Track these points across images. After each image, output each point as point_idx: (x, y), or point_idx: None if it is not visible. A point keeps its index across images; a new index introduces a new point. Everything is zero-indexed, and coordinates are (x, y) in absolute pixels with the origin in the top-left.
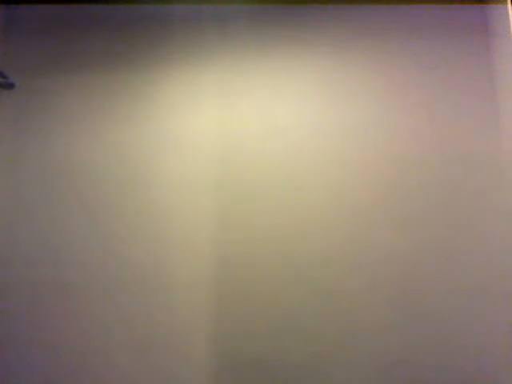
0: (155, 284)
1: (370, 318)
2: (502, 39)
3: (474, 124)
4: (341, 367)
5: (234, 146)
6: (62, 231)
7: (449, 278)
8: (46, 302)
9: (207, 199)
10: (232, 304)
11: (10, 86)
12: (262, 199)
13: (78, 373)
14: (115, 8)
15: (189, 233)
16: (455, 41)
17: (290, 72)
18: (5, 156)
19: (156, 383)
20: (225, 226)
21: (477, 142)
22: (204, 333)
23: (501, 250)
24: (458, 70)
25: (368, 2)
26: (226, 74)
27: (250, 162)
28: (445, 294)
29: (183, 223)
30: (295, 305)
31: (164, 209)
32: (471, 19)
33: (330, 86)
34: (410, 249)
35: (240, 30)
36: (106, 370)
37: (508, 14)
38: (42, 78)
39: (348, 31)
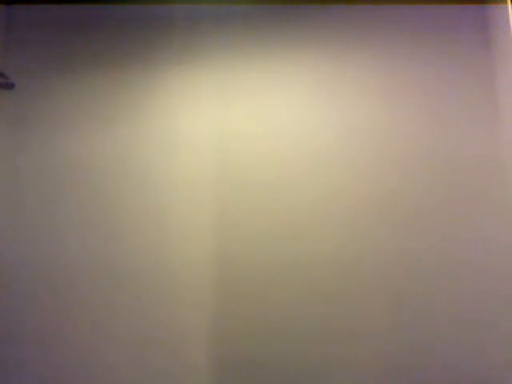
0: (155, 285)
1: (371, 319)
2: (502, 39)
3: (474, 124)
4: (342, 369)
5: (232, 146)
6: (61, 231)
7: (450, 279)
8: (46, 302)
9: (207, 199)
10: (232, 305)
11: (10, 86)
12: (262, 200)
13: (78, 373)
14: (115, 8)
15: (188, 233)
16: (455, 41)
17: (290, 72)
18: (5, 156)
19: None
20: (224, 226)
21: (477, 142)
22: (204, 333)
23: (502, 251)
24: (457, 70)
25: (367, 2)
26: (224, 74)
27: (249, 163)
28: (446, 296)
29: (183, 224)
30: (296, 306)
31: (163, 209)
32: (471, 19)
33: (330, 86)
34: (411, 250)
35: (239, 31)
36: (105, 371)
37: (508, 14)
38: (42, 78)
39: (347, 31)
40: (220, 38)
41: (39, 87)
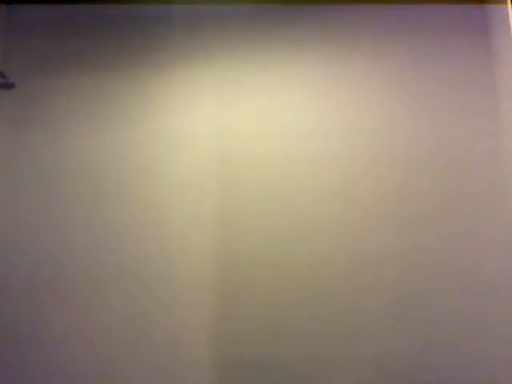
0: (155, 285)
1: (371, 319)
2: (502, 39)
3: (475, 124)
4: (342, 369)
5: (234, 146)
6: (61, 231)
7: (450, 279)
8: (46, 302)
9: (207, 200)
10: (232, 305)
11: (10, 86)
12: (263, 200)
13: (78, 373)
14: (115, 8)
15: (189, 234)
16: (455, 41)
17: (290, 72)
18: (5, 156)
19: None
20: (225, 226)
21: (477, 142)
22: (204, 334)
23: (502, 251)
24: (458, 70)
25: (368, 2)
26: (226, 74)
27: (251, 163)
28: (446, 296)
29: (183, 224)
30: (296, 306)
31: (164, 210)
32: (471, 19)
33: (331, 86)
34: (411, 250)
35: (240, 30)
36: (105, 371)
37: (508, 14)
38: (42, 78)
39: (348, 31)
40: (220, 38)
41: (39, 87)
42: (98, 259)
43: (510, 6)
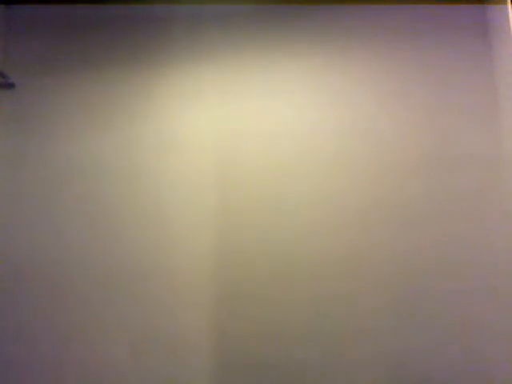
0: (155, 285)
1: (372, 319)
2: (502, 39)
3: (475, 124)
4: (343, 369)
5: (234, 146)
6: (61, 231)
7: (450, 278)
8: (45, 302)
9: (208, 199)
10: (233, 305)
11: (10, 86)
12: (263, 199)
13: (78, 373)
14: (115, 8)
15: (189, 233)
16: (455, 41)
17: (291, 72)
18: (5, 156)
19: None
20: (225, 226)
21: (477, 143)
22: (205, 334)
23: (502, 251)
24: (458, 70)
25: (368, 2)
26: (226, 73)
27: (250, 163)
28: (447, 295)
29: (183, 224)
30: (297, 306)
31: (164, 209)
32: (471, 19)
33: (330, 86)
34: (411, 250)
35: (240, 30)
36: (105, 371)
37: (508, 14)
38: (42, 78)
39: (348, 31)
40: (220, 38)
41: (39, 87)
42: (98, 259)
43: (510, 5)
